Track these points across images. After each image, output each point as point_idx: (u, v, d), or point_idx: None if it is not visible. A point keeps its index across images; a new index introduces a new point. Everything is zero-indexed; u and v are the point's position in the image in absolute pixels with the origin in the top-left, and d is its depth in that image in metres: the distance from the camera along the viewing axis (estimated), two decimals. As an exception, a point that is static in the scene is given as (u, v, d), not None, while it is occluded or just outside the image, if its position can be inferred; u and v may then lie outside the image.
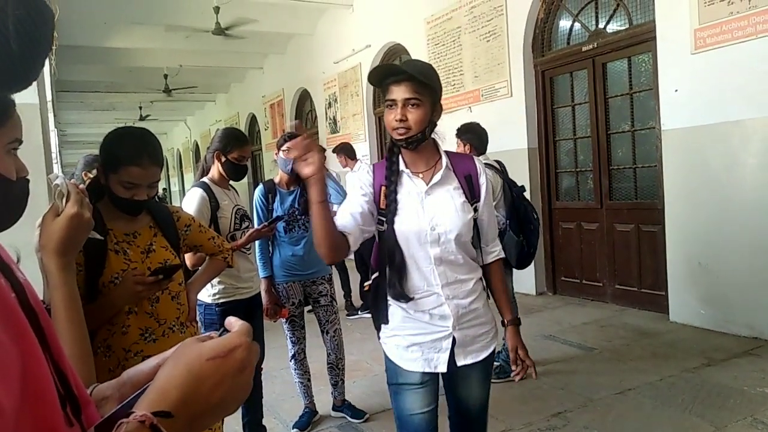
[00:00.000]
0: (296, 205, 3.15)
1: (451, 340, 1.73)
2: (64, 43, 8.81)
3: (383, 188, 1.73)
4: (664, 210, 4.66)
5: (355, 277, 5.85)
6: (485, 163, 3.55)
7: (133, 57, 10.97)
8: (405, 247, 1.71)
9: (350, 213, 1.71)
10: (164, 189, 24.99)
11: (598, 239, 5.42)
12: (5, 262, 0.56)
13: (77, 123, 18.68)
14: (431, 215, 1.71)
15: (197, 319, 1.99)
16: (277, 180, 3.23)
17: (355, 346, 4.62)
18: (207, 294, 2.58)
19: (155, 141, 1.74)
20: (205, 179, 2.70)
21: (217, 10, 8.19)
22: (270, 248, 3.17)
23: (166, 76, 12.42)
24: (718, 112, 4.18)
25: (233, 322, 0.62)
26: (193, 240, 1.97)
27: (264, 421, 3.03)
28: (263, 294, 3.03)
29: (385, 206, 1.73)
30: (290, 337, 3.20)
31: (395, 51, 8.23)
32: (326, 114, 10.11)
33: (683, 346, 4.12)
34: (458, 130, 3.73)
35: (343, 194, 3.23)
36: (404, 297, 1.71)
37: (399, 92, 1.65)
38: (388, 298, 1.77)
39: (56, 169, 6.01)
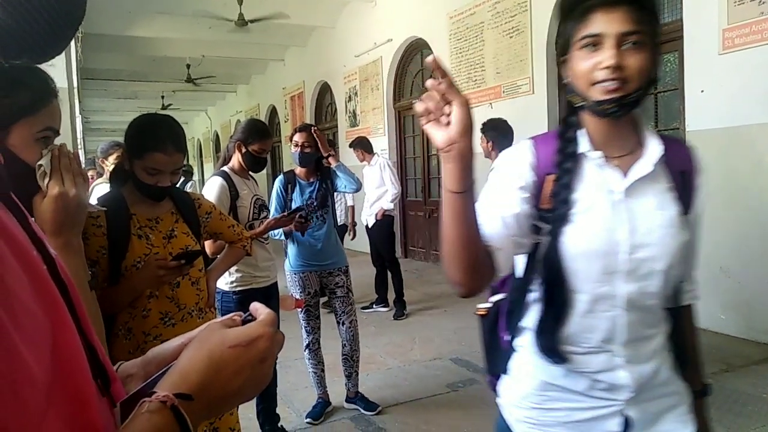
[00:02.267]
0: (314, 197, 3.17)
1: (621, 420, 1.12)
2: (89, 31, 8.94)
3: (550, 178, 1.10)
4: (686, 212, 4.59)
5: (370, 273, 5.87)
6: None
7: (156, 46, 11.08)
8: (576, 274, 1.07)
9: (500, 217, 1.08)
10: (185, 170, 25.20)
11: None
12: (38, 236, 0.57)
13: (100, 110, 18.92)
14: (630, 230, 1.08)
15: (215, 305, 2.01)
16: (297, 171, 3.26)
17: (370, 339, 4.63)
18: (224, 281, 2.60)
19: (179, 128, 1.76)
20: (225, 168, 2.72)
21: (240, 1, 8.22)
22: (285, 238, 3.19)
23: (188, 66, 12.52)
24: (744, 115, 4.10)
25: (259, 309, 0.63)
26: (214, 227, 1.99)
27: (278, 410, 3.06)
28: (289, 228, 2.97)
29: (550, 207, 1.09)
30: (305, 327, 3.22)
31: (417, 46, 8.20)
32: (346, 108, 10.12)
33: (702, 350, 4.05)
34: (483, 125, 3.69)
35: (357, 183, 3.23)
36: (558, 355, 1.09)
37: (611, 23, 1.02)
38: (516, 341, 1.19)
39: (81, 155, 6.12)
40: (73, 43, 5.00)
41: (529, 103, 5.99)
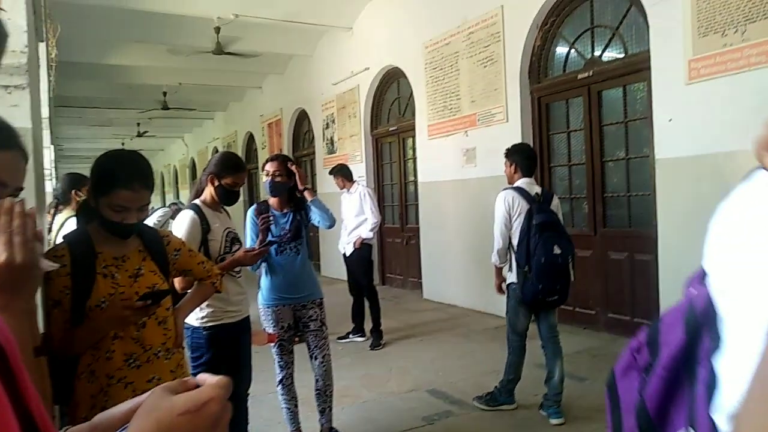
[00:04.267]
0: (288, 228, 3.14)
1: None
2: (64, 59, 8.84)
3: None
4: (657, 239, 4.66)
5: (347, 301, 5.81)
6: (514, 187, 3.53)
7: (132, 74, 11.04)
8: None
9: None
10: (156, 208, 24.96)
11: (591, 267, 5.40)
12: None
13: (75, 138, 18.68)
14: None
15: (184, 344, 1.96)
16: (271, 201, 3.23)
17: (346, 371, 4.56)
18: (195, 317, 2.54)
19: (146, 164, 1.73)
20: (197, 201, 2.68)
21: (217, 30, 8.25)
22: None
23: (165, 94, 12.48)
24: (711, 143, 4.20)
25: (207, 378, 0.60)
26: (183, 264, 1.95)
27: (250, 448, 2.97)
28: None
29: None
30: (278, 362, 3.15)
31: (393, 74, 8.30)
32: (323, 134, 10.15)
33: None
34: (507, 150, 3.70)
35: (331, 220, 3.21)
36: None
37: None
38: None
39: (49, 186, 5.99)
40: (45, 72, 4.94)
41: (504, 131, 6.06)
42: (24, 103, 1.37)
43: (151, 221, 5.46)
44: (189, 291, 2.11)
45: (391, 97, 8.61)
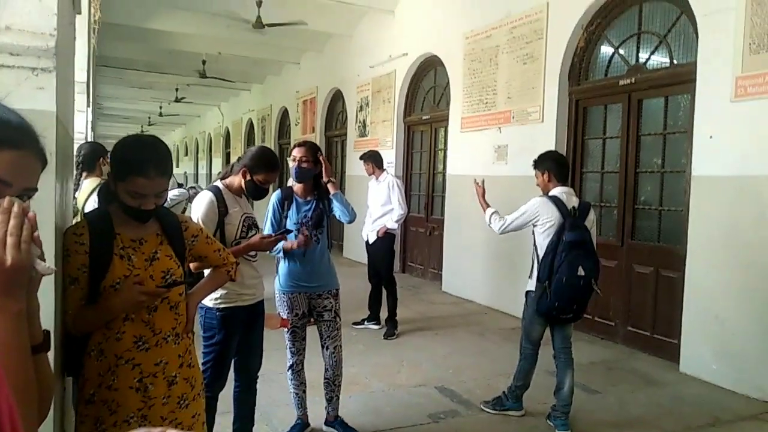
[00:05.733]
0: (310, 216, 3.14)
1: None
2: (108, 20, 8.97)
3: None
4: (686, 257, 4.54)
5: (366, 286, 5.83)
6: (551, 196, 3.43)
7: (173, 40, 11.12)
8: None
9: None
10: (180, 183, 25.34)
11: (615, 278, 5.30)
12: None
13: (115, 98, 19.01)
14: None
15: (198, 322, 1.97)
16: (295, 188, 3.23)
17: (357, 358, 4.60)
18: (209, 297, 2.56)
19: (164, 151, 1.74)
20: (219, 183, 2.70)
21: (259, 3, 8.25)
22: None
23: (204, 62, 12.57)
24: (752, 165, 4.06)
25: None
26: (199, 251, 1.96)
27: (255, 428, 3.02)
28: (291, 243, 3.01)
29: None
30: (290, 348, 3.18)
31: (431, 62, 8.19)
32: (357, 117, 10.12)
33: (690, 400, 4.01)
34: (536, 161, 3.59)
35: (352, 215, 3.19)
36: None
37: None
38: None
39: (90, 136, 6.15)
40: (85, 37, 5.00)
41: (538, 131, 5.96)
42: (50, 86, 1.37)
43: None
44: (202, 280, 2.12)
45: (427, 86, 8.52)
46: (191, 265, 2.29)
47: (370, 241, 5.72)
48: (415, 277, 8.45)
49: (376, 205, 5.71)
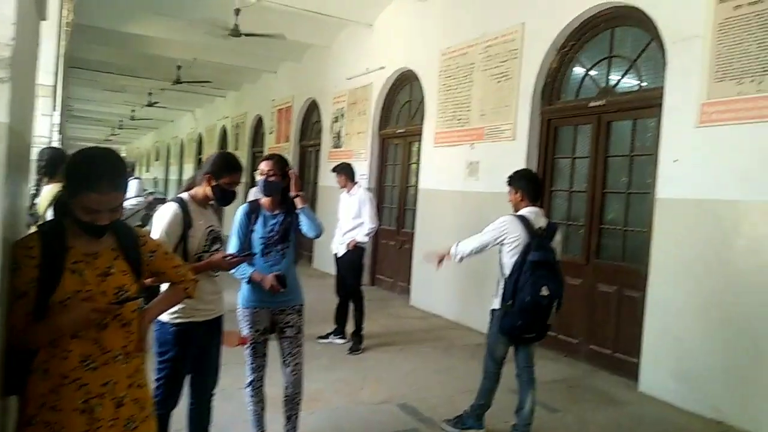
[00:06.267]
0: (276, 230, 3.10)
1: None
2: (83, 22, 8.83)
3: None
4: (648, 277, 4.62)
5: (334, 299, 5.78)
6: (519, 215, 3.44)
7: (148, 44, 10.98)
8: None
9: None
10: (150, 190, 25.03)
11: (579, 296, 5.36)
12: None
13: (86, 100, 18.69)
14: None
15: (145, 349, 1.91)
16: (262, 201, 3.19)
17: (320, 373, 4.54)
18: (166, 312, 2.51)
19: (118, 164, 1.70)
20: (184, 195, 2.65)
21: (237, 12, 8.19)
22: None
23: (179, 67, 12.44)
24: (714, 190, 4.16)
25: None
26: (157, 267, 1.91)
27: (210, 445, 2.95)
28: (261, 277, 2.98)
29: None
30: (250, 364, 3.11)
31: (408, 77, 8.24)
32: (332, 127, 10.10)
33: (648, 420, 4.06)
34: (510, 177, 3.61)
35: (319, 229, 3.17)
36: None
37: None
38: None
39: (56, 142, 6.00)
40: (54, 39, 4.91)
41: (510, 148, 6.02)
42: (2, 97, 1.33)
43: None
44: (158, 297, 2.06)
45: (402, 99, 8.56)
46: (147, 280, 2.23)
47: (339, 254, 5.69)
48: (384, 291, 8.43)
49: (347, 218, 5.68)
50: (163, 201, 3.26)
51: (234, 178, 2.69)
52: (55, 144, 7.95)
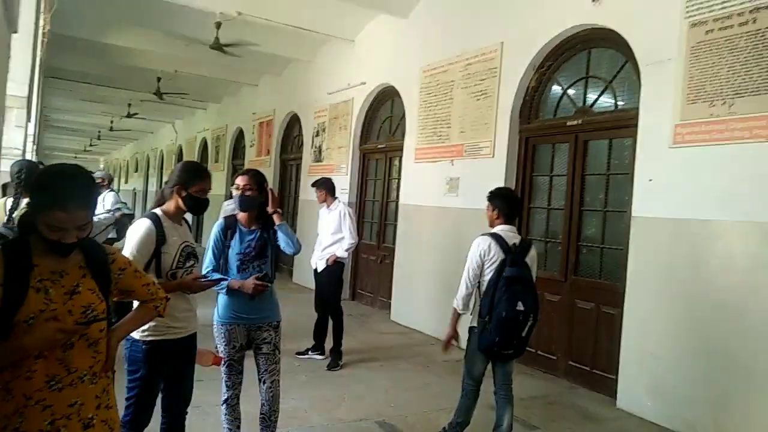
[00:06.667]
0: (253, 246, 3.08)
1: None
2: (60, 32, 8.74)
3: None
4: (625, 294, 4.66)
5: (313, 314, 5.73)
6: (491, 234, 3.46)
7: (128, 56, 10.88)
8: None
9: None
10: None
11: (558, 312, 5.39)
12: None
13: (65, 110, 18.44)
14: None
15: (123, 354, 1.87)
16: (239, 216, 3.17)
17: (298, 390, 4.49)
18: (138, 329, 2.45)
19: (85, 182, 1.67)
20: (157, 210, 2.61)
21: (218, 25, 8.19)
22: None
23: (159, 79, 12.35)
24: (688, 209, 4.23)
25: None
26: (127, 285, 1.87)
27: (185, 465, 2.88)
28: (240, 283, 2.96)
29: None
30: (225, 381, 3.07)
31: (389, 93, 8.28)
32: (313, 141, 10.09)
33: (625, 437, 4.08)
34: (490, 193, 3.62)
35: (296, 246, 3.15)
36: None
37: None
38: None
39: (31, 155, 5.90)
40: (30, 49, 4.85)
41: (489, 165, 6.07)
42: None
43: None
44: (128, 315, 2.01)
45: (383, 115, 8.60)
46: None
47: (319, 270, 5.66)
48: (365, 305, 8.39)
49: (326, 234, 5.66)
50: (131, 217, 3.21)
51: (203, 185, 2.67)
52: (30, 155, 7.82)
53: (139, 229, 2.49)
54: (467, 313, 3.53)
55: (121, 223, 5.63)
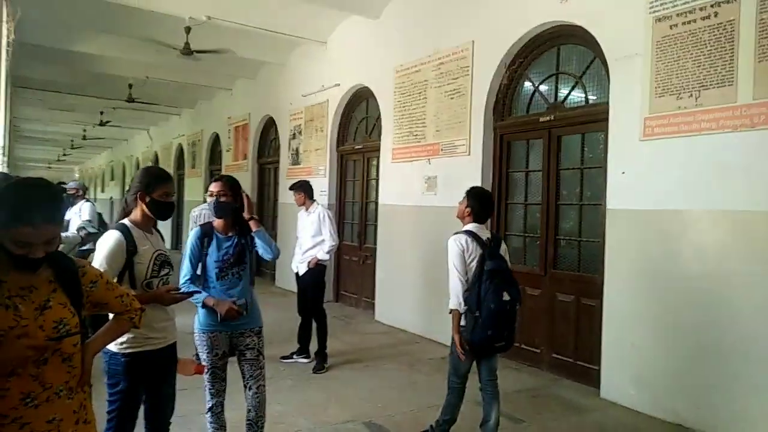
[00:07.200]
0: (231, 252, 3.06)
1: None
2: (26, 40, 8.59)
3: None
4: (603, 286, 4.74)
5: (297, 317, 5.71)
6: (465, 231, 3.49)
7: (97, 63, 10.71)
8: None
9: None
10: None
11: (539, 306, 5.46)
12: None
13: (35, 119, 18.09)
14: None
15: (102, 368, 1.84)
16: (215, 223, 3.15)
17: (284, 395, 4.48)
18: (114, 341, 2.42)
19: (53, 196, 1.64)
20: (125, 221, 2.57)
21: (188, 30, 8.10)
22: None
23: (130, 86, 12.19)
24: (659, 200, 4.31)
25: None
26: (99, 297, 1.85)
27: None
28: (215, 302, 2.94)
29: None
30: (209, 389, 3.05)
31: (363, 94, 8.29)
32: (290, 144, 10.06)
33: (610, 426, 4.15)
34: (468, 191, 3.62)
35: (275, 252, 3.15)
36: None
37: None
38: None
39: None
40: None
41: (465, 163, 6.11)
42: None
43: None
44: (102, 328, 1.99)
45: (359, 116, 8.60)
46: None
47: (300, 273, 5.64)
48: (349, 307, 8.39)
49: (306, 237, 5.64)
50: (98, 236, 3.16)
51: (166, 188, 2.63)
52: (0, 167, 7.67)
53: (108, 241, 2.46)
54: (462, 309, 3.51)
55: (88, 241, 5.56)
